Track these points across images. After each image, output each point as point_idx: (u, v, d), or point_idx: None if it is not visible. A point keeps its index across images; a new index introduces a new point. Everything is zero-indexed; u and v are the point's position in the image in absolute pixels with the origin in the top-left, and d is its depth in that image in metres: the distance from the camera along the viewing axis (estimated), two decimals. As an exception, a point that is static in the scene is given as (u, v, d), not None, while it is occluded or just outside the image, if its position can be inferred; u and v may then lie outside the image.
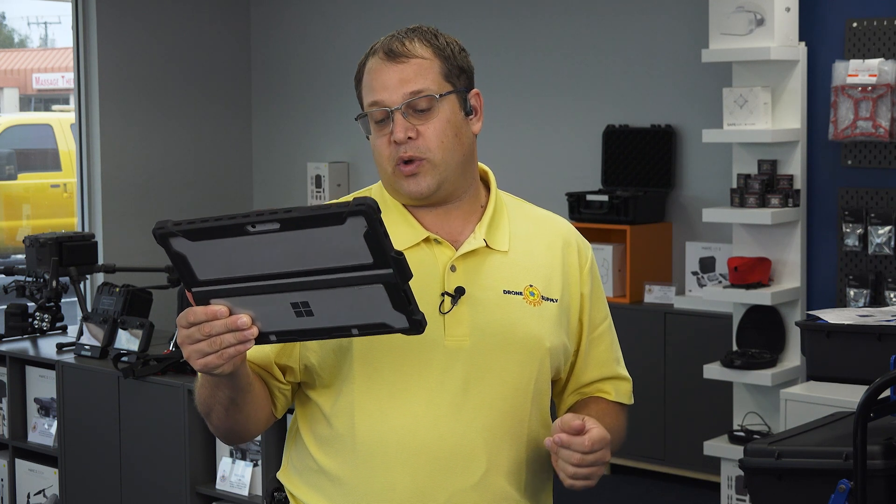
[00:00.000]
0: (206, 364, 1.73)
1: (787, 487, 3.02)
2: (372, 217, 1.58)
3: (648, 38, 6.16)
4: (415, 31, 2.01)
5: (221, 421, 1.94)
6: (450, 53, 1.99)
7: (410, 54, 1.96)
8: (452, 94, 1.98)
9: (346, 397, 1.95)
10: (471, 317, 1.95)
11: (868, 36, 5.03)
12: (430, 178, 1.96)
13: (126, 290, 4.58)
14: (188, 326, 1.72)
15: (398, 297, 1.65)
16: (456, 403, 1.93)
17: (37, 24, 20.64)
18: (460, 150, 1.99)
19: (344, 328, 1.70)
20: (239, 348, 1.72)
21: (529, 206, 2.13)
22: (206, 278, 1.69)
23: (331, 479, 1.97)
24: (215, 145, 7.58)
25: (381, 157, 1.99)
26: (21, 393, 4.68)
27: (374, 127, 1.99)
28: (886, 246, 4.94)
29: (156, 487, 4.16)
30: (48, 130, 11.75)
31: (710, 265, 5.75)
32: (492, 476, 1.96)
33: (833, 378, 3.34)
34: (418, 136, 1.95)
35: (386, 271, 1.63)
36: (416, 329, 1.68)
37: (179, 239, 1.66)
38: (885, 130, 4.90)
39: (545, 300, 2.01)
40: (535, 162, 6.48)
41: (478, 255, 1.99)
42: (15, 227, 11.38)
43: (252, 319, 1.71)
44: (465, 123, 2.00)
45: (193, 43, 7.43)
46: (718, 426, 5.30)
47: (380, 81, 1.97)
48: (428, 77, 1.96)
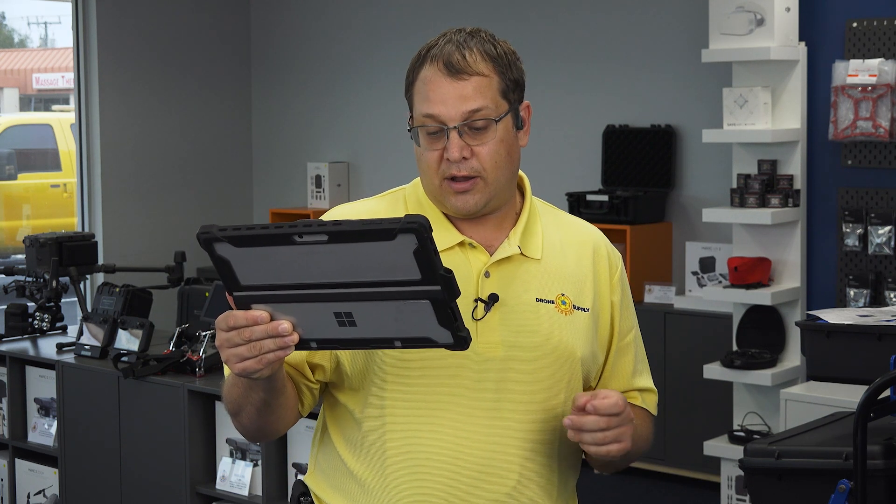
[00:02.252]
0: (244, 368, 1.72)
1: (787, 487, 3.02)
2: (423, 235, 1.57)
3: (648, 38, 6.16)
4: (473, 37, 1.95)
5: (251, 421, 1.93)
6: (507, 65, 1.96)
7: (472, 71, 1.92)
8: (508, 114, 1.96)
9: (377, 402, 1.93)
10: (503, 325, 1.94)
11: (868, 36, 5.03)
12: (480, 196, 1.94)
13: (126, 290, 4.58)
14: (228, 330, 1.71)
15: (444, 314, 1.64)
16: (488, 412, 1.92)
17: (37, 24, 20.64)
18: (511, 168, 1.98)
19: (387, 340, 1.69)
20: (279, 354, 1.71)
21: (560, 213, 2.12)
22: (248, 284, 1.68)
23: (359, 484, 1.96)
24: (216, 145, 7.58)
25: (429, 169, 1.95)
26: (21, 393, 4.68)
27: (425, 138, 1.94)
28: (886, 246, 4.94)
29: (156, 487, 4.16)
30: (48, 130, 11.75)
31: (710, 265, 5.75)
32: (524, 485, 1.94)
33: (833, 378, 3.34)
34: (472, 156, 1.92)
35: (434, 288, 1.61)
36: (461, 345, 1.67)
37: (224, 244, 1.64)
38: (885, 130, 4.90)
39: (576, 309, 1.99)
40: (535, 162, 6.48)
41: (512, 261, 1.98)
42: (15, 227, 11.38)
43: (293, 326, 1.70)
44: (515, 139, 1.99)
45: (193, 43, 7.43)
46: (718, 426, 5.30)
47: (438, 94, 1.92)
48: (487, 96, 1.92)
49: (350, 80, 7.18)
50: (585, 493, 1.98)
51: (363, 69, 7.08)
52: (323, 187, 7.27)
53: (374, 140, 7.10)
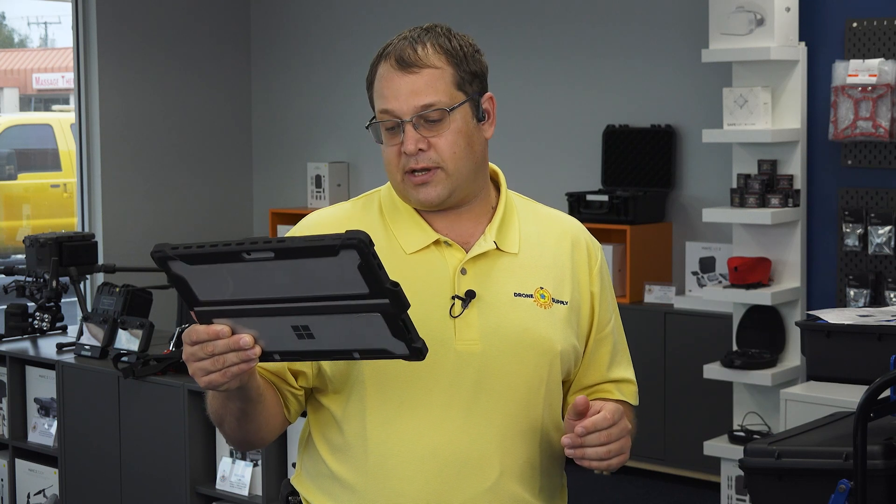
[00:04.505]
0: (209, 381, 1.74)
1: (787, 487, 3.02)
2: (364, 251, 1.58)
3: (648, 38, 6.16)
4: (428, 32, 1.98)
5: (234, 431, 1.95)
6: (462, 58, 1.97)
7: (422, 64, 1.94)
8: (465, 104, 1.96)
9: (357, 403, 1.94)
10: (481, 320, 1.94)
11: (868, 36, 5.03)
12: (442, 187, 1.95)
13: (126, 290, 4.58)
14: (192, 345, 1.74)
15: (396, 326, 1.66)
16: (467, 408, 1.93)
17: (37, 24, 20.63)
18: (472, 159, 1.98)
19: (346, 351, 1.71)
20: (242, 367, 1.73)
21: (538, 206, 2.12)
22: (206, 299, 1.71)
23: (343, 486, 1.97)
24: (216, 145, 7.58)
25: (390, 164, 1.98)
26: (21, 393, 4.68)
27: (385, 134, 1.98)
28: (886, 246, 4.94)
29: (156, 487, 4.16)
30: (48, 130, 11.75)
31: (710, 265, 5.75)
32: (505, 480, 1.95)
33: (833, 378, 3.34)
34: (429, 148, 1.94)
35: (383, 301, 1.63)
36: (417, 356, 1.69)
37: (177, 262, 1.67)
38: (885, 130, 4.90)
39: (555, 302, 2.00)
40: (535, 162, 6.49)
41: (488, 257, 1.98)
42: (15, 227, 11.38)
43: (255, 339, 1.72)
44: (477, 130, 1.99)
45: (193, 43, 7.43)
46: (718, 426, 5.30)
47: (391, 90, 1.95)
48: (440, 88, 1.94)
49: (350, 79, 7.17)
50: (585, 493, 1.98)
51: (363, 69, 7.07)
52: (323, 187, 7.27)
53: (373, 140, 7.09)
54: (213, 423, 1.98)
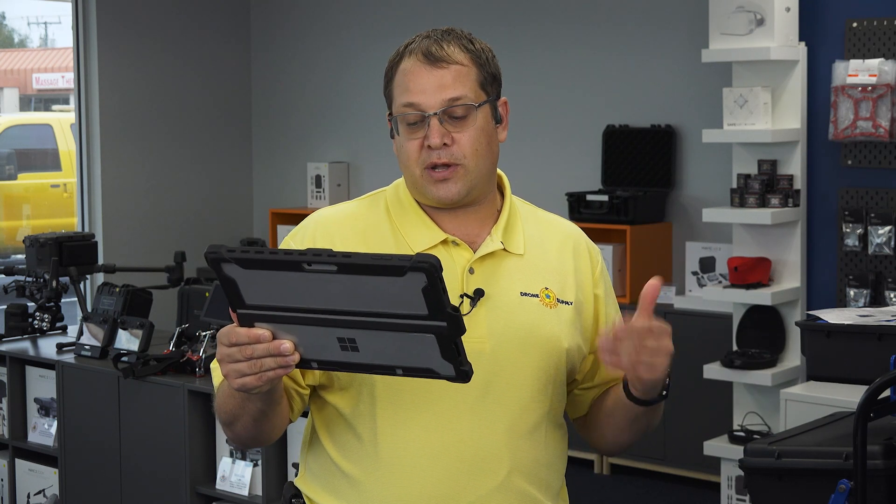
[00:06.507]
0: (243, 384, 1.74)
1: (787, 487, 3.02)
2: (434, 275, 1.59)
3: (649, 37, 6.16)
4: (450, 33, 2.00)
5: (247, 430, 1.94)
6: (485, 60, 2.00)
7: (450, 59, 1.96)
8: (487, 104, 1.99)
9: (368, 402, 1.95)
10: (490, 319, 1.97)
11: (868, 36, 5.03)
12: (461, 185, 1.97)
13: (126, 290, 4.58)
14: (229, 346, 1.73)
15: (448, 349, 1.66)
16: (477, 405, 1.94)
17: (37, 24, 20.64)
18: (490, 159, 2.00)
19: (388, 367, 1.71)
20: (279, 372, 1.73)
21: (539, 211, 2.15)
22: (253, 303, 1.71)
23: (351, 483, 1.97)
24: (216, 145, 7.58)
25: (409, 159, 1.98)
26: (21, 393, 4.68)
27: (405, 129, 1.98)
28: (886, 246, 4.94)
29: (156, 487, 4.16)
30: (48, 130, 11.76)
31: (710, 265, 5.75)
32: (514, 477, 1.97)
33: (833, 378, 3.35)
34: (453, 143, 1.95)
35: (440, 323, 1.64)
36: (463, 379, 1.70)
37: (231, 265, 1.67)
38: (885, 130, 4.90)
39: (560, 303, 2.02)
40: (535, 162, 6.48)
41: (495, 257, 2.01)
42: (15, 227, 11.39)
43: (294, 345, 1.72)
44: (494, 132, 2.02)
45: (193, 43, 7.43)
46: (718, 426, 5.30)
47: (417, 84, 1.96)
48: (466, 84, 1.96)
49: (351, 79, 7.17)
50: (585, 492, 1.99)
51: (364, 69, 7.08)
52: (323, 187, 7.27)
53: (374, 140, 7.10)
54: (221, 421, 1.97)
